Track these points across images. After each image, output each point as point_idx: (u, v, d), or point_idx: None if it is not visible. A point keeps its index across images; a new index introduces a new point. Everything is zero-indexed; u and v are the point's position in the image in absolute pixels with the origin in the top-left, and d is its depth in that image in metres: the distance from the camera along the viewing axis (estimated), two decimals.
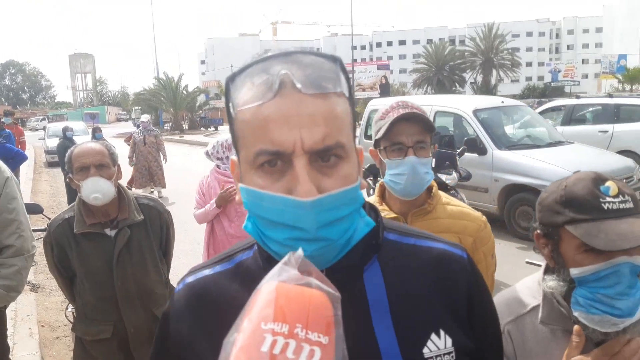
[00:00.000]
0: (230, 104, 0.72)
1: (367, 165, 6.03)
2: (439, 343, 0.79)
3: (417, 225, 1.67)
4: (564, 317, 1.21)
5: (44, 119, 53.65)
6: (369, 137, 8.52)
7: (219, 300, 0.81)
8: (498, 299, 1.34)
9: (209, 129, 39.84)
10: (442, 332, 0.79)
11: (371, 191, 6.12)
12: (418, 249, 0.85)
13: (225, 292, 0.82)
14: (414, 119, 1.63)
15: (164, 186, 11.19)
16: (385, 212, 1.74)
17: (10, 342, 2.86)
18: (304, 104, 0.67)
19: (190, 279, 0.87)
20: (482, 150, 7.14)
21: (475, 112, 7.64)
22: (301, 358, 0.58)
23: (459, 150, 5.93)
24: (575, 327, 1.16)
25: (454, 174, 5.15)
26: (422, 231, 0.90)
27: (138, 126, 11.75)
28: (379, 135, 1.66)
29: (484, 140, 7.21)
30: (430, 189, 1.77)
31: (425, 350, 0.78)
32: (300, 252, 0.67)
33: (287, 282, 0.64)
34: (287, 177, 0.68)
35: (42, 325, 4.65)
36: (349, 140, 0.72)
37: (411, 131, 1.63)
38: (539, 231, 1.26)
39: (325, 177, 0.69)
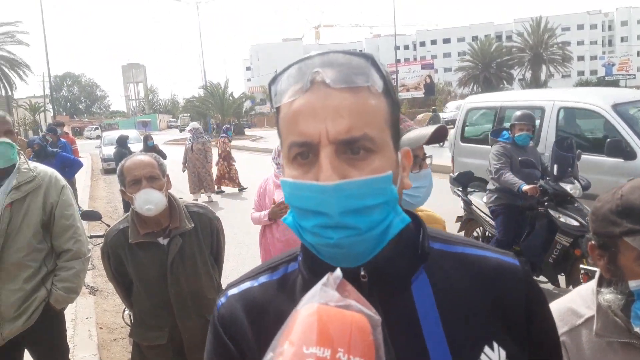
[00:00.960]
0: (273, 105, 0.77)
1: (456, 174, 5.78)
2: (493, 356, 0.77)
3: None
4: (620, 328, 1.17)
5: (97, 128, 55.89)
6: (466, 140, 7.63)
7: (267, 311, 0.82)
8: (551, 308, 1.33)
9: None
10: (495, 345, 0.77)
11: (461, 203, 5.86)
12: (467, 257, 0.83)
13: (272, 304, 0.82)
14: None
15: (213, 191, 11.50)
16: None
17: (70, 344, 3.00)
18: (331, 97, 0.70)
19: (233, 291, 0.87)
20: (629, 155, 5.66)
21: (616, 107, 6.10)
22: None
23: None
24: None
25: (577, 184, 4.68)
26: (466, 238, 0.89)
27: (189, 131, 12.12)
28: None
29: (631, 142, 5.69)
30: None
31: None
32: (338, 272, 0.68)
33: (327, 303, 0.64)
34: (316, 167, 0.71)
35: (101, 328, 4.84)
36: (382, 134, 0.73)
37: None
38: (593, 242, 1.22)
39: (353, 169, 0.70)
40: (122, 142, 10.99)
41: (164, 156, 10.40)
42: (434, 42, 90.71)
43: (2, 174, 2.54)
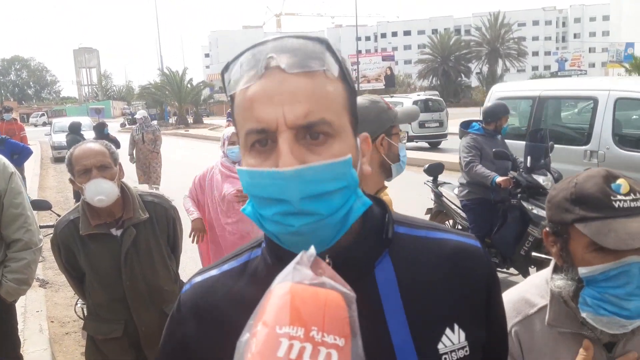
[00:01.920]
0: (227, 93, 0.76)
1: (427, 165, 5.71)
2: (454, 338, 0.78)
3: None
4: (572, 318, 1.19)
5: (43, 114, 53.65)
6: None
7: (226, 300, 0.81)
8: (504, 299, 1.33)
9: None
10: (456, 327, 0.79)
11: (431, 195, 5.78)
12: (430, 241, 0.84)
13: (232, 291, 0.82)
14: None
15: (156, 182, 11.01)
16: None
17: (20, 338, 2.88)
18: (287, 82, 0.69)
19: (197, 279, 0.87)
20: None
21: None
22: None
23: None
24: (585, 341, 1.14)
25: (549, 175, 4.69)
26: (430, 222, 0.89)
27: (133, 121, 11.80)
28: (398, 122, 1.90)
29: None
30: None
31: (440, 345, 0.77)
32: (312, 250, 0.66)
33: (301, 282, 0.63)
34: (275, 154, 0.69)
35: (52, 321, 4.68)
36: (340, 119, 0.72)
37: None
38: (547, 229, 1.24)
39: (312, 154, 0.69)
40: (75, 129, 10.60)
41: (117, 145, 10.05)
42: (394, 34, 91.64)
43: None
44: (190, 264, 5.94)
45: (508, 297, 1.32)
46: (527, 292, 1.31)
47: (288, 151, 0.68)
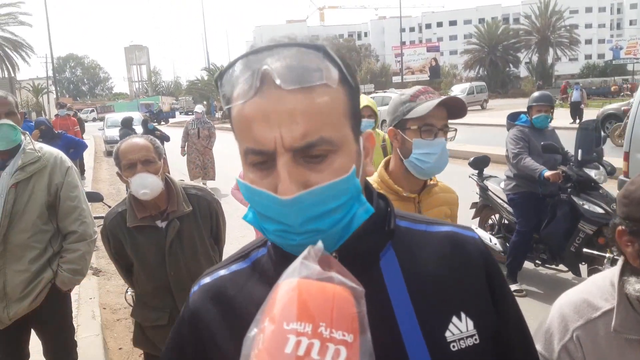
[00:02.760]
0: (222, 101, 0.74)
1: (472, 159, 5.54)
2: (461, 326, 0.78)
3: (426, 202, 1.94)
4: None
5: (92, 110, 55.61)
6: None
7: (236, 299, 0.81)
8: (563, 300, 1.26)
9: None
10: (463, 315, 0.79)
11: (476, 189, 5.67)
12: (430, 234, 0.85)
13: (242, 291, 0.82)
14: (445, 105, 1.77)
15: (213, 178, 11.14)
16: (401, 193, 1.89)
17: (74, 324, 3.02)
18: (282, 101, 0.67)
19: (206, 280, 0.87)
20: None
21: None
22: (326, 359, 0.57)
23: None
24: None
25: (602, 169, 4.50)
26: (429, 218, 0.91)
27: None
28: (411, 115, 1.78)
29: None
30: None
31: (447, 334, 0.77)
32: (320, 245, 0.66)
33: (308, 278, 0.62)
34: (274, 174, 0.68)
35: (104, 308, 4.88)
36: (341, 131, 0.70)
37: (440, 115, 1.79)
38: (623, 227, 1.15)
39: (314, 172, 0.68)
40: (127, 124, 10.86)
41: (166, 138, 10.25)
42: (439, 25, 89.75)
43: (6, 156, 2.52)
44: None
45: (568, 298, 1.26)
46: (590, 294, 1.23)
47: (287, 177, 0.67)
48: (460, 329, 0.78)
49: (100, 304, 4.84)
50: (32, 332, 2.78)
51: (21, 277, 2.51)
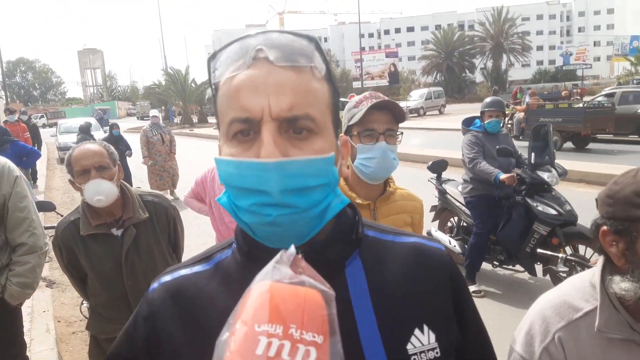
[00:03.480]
0: (212, 82, 0.75)
1: (430, 162, 5.63)
2: (423, 339, 0.78)
3: (382, 209, 1.93)
4: (622, 324, 1.12)
5: (42, 116, 53.39)
6: None
7: (196, 301, 0.80)
8: (543, 302, 1.26)
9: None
10: (425, 327, 0.79)
11: (435, 192, 5.73)
12: (397, 244, 0.86)
13: (204, 292, 0.81)
14: (386, 109, 1.78)
15: (176, 187, 10.55)
16: (355, 199, 1.89)
17: (27, 338, 2.91)
18: (274, 73, 0.69)
19: (166, 278, 0.86)
20: None
21: None
22: (297, 359, 0.58)
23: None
24: None
25: (554, 172, 4.65)
26: (397, 229, 0.91)
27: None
28: (353, 121, 1.81)
29: None
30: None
31: (409, 346, 0.77)
32: (292, 249, 0.67)
33: (280, 281, 0.63)
34: (257, 145, 0.69)
35: (59, 321, 4.71)
36: (324, 117, 0.73)
37: (383, 119, 1.78)
38: (607, 227, 1.14)
39: (295, 148, 0.69)
40: (85, 130, 10.52)
41: (128, 147, 9.94)
42: (398, 31, 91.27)
43: None
44: None
45: (548, 300, 1.26)
46: (569, 295, 1.24)
47: (271, 142, 0.67)
48: (422, 342, 0.78)
49: (54, 317, 4.67)
50: None
51: None
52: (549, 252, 4.14)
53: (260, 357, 0.57)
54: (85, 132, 10.40)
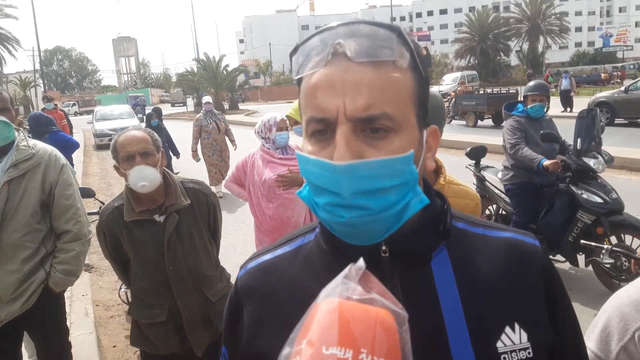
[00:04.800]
0: (295, 76, 0.75)
1: (469, 149, 5.46)
2: (514, 337, 0.74)
3: None
4: None
5: (74, 104, 54.21)
6: None
7: (281, 283, 0.81)
8: (622, 299, 1.19)
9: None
10: (517, 326, 0.75)
11: (473, 179, 5.55)
12: (488, 238, 0.81)
13: (286, 275, 0.82)
14: None
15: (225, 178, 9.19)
16: None
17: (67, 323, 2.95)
18: (351, 71, 0.67)
19: (251, 265, 0.88)
20: None
21: None
22: None
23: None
24: None
25: (601, 158, 4.44)
26: (488, 221, 0.86)
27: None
28: None
29: None
30: (438, 168, 1.87)
31: (499, 344, 0.73)
32: (361, 262, 0.63)
33: (349, 298, 0.58)
34: (332, 145, 0.68)
35: (97, 305, 4.81)
36: (404, 113, 0.70)
37: None
38: None
39: (371, 148, 0.68)
40: (149, 119, 9.50)
41: (169, 139, 9.06)
42: (430, 13, 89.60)
43: None
44: (229, 249, 6.01)
45: (628, 296, 1.18)
46: None
47: (344, 144, 0.66)
48: (513, 341, 0.74)
49: (93, 301, 4.77)
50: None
51: (13, 278, 2.44)
52: (593, 244, 3.96)
53: None
54: (148, 121, 9.51)
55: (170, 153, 9.16)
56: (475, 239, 0.81)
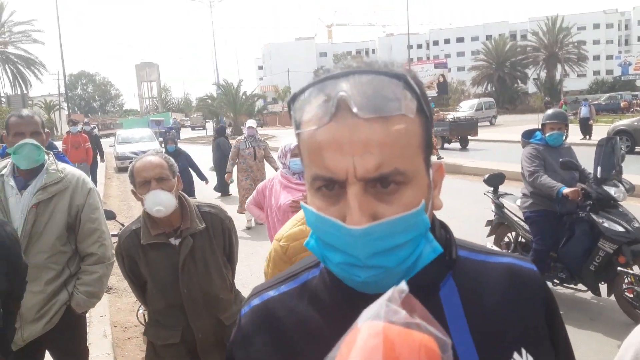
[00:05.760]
0: (293, 124, 0.72)
1: (487, 175, 5.53)
2: None
3: None
4: None
5: (94, 127, 54.71)
6: None
7: (287, 322, 0.79)
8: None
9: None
10: (524, 351, 0.75)
11: (492, 206, 5.58)
12: (489, 265, 0.82)
13: (293, 313, 0.79)
14: None
15: None
16: None
17: None
18: (358, 129, 0.64)
19: (255, 302, 0.84)
20: None
21: None
22: None
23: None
24: None
25: (622, 187, 4.43)
26: (486, 247, 0.87)
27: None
28: None
29: None
30: None
31: None
32: (403, 285, 0.61)
33: (394, 323, 0.56)
34: (342, 203, 0.66)
35: (115, 326, 4.83)
36: (413, 163, 0.68)
37: None
38: None
39: (383, 204, 0.66)
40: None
41: (190, 161, 8.97)
42: (447, 41, 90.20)
43: (28, 175, 2.52)
44: (246, 272, 6.01)
45: None
46: None
47: (357, 207, 0.64)
48: None
49: (111, 322, 4.80)
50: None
51: (37, 299, 2.48)
52: (631, 272, 3.86)
53: None
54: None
55: (196, 177, 9.07)
56: (478, 266, 0.81)
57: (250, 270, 6.23)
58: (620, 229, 4.27)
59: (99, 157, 15.13)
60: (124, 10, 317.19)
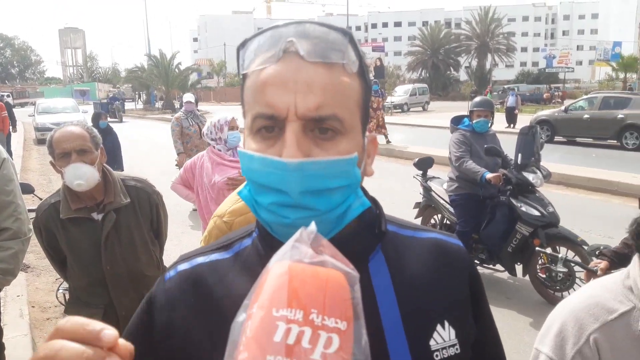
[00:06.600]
0: (240, 68, 0.74)
1: (416, 159, 5.71)
2: (444, 334, 0.78)
3: None
4: None
5: (8, 95, 50.67)
6: None
7: (216, 289, 0.78)
8: (574, 304, 1.25)
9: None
10: (446, 324, 0.78)
11: (420, 189, 5.78)
12: (417, 240, 0.85)
13: (223, 281, 0.78)
14: None
15: None
16: None
17: (1, 325, 2.82)
18: (303, 70, 0.67)
19: (182, 266, 0.82)
20: None
21: None
22: (318, 347, 0.53)
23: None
24: None
25: (539, 173, 4.70)
26: (416, 224, 0.90)
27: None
28: None
29: None
30: None
31: (432, 342, 0.76)
32: (312, 227, 0.62)
33: (300, 261, 0.58)
34: (280, 142, 0.68)
35: (33, 306, 4.61)
36: (352, 117, 0.71)
37: None
38: None
39: (318, 149, 0.68)
40: (95, 119, 8.55)
41: (118, 144, 8.25)
42: (385, 25, 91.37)
43: None
44: (176, 251, 5.90)
45: (580, 302, 1.24)
46: (601, 297, 1.22)
47: (294, 142, 0.66)
48: (444, 338, 0.77)
49: (28, 302, 4.58)
50: None
51: None
52: (548, 251, 4.15)
53: (278, 344, 0.53)
54: (95, 122, 8.48)
55: (122, 156, 8.39)
56: (406, 241, 0.84)
57: (181, 250, 6.11)
58: (536, 213, 4.56)
59: (11, 127, 14.11)
60: None
